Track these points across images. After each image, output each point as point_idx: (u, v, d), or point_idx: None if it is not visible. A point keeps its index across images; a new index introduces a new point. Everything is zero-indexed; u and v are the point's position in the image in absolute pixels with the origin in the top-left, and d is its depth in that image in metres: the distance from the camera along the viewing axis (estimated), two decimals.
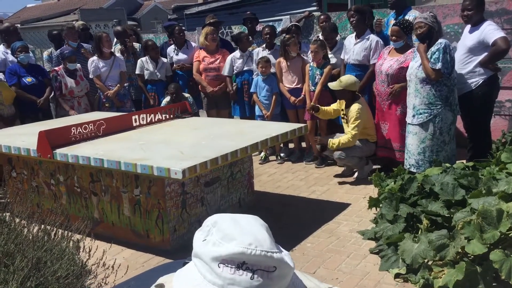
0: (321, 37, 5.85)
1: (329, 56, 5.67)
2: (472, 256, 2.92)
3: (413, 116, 4.44)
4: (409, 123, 4.52)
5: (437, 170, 3.83)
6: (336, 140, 4.96)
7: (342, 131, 5.26)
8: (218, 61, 6.28)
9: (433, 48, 4.26)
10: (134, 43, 6.87)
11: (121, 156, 3.54)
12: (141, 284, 1.11)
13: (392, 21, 5.33)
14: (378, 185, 4.14)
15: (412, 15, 5.22)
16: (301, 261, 3.44)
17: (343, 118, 5.16)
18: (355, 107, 4.94)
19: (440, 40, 4.29)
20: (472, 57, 4.51)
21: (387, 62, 4.90)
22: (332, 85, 5.03)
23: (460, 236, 2.96)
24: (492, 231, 2.86)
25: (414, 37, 4.89)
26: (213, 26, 6.45)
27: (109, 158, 3.53)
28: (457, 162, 4.33)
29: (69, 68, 5.96)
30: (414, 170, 4.43)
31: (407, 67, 4.63)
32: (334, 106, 5.23)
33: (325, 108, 5.25)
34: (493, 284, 2.88)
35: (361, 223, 4.02)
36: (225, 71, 6.18)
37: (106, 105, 6.23)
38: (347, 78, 4.99)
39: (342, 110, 5.12)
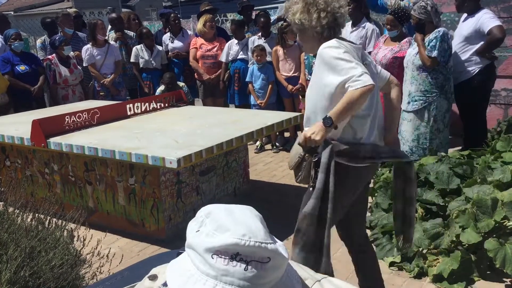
0: None
1: None
2: (466, 245, 2.93)
3: (408, 103, 4.43)
4: (403, 110, 4.51)
5: (432, 159, 3.83)
6: None
7: None
8: (215, 48, 6.24)
9: (431, 36, 4.24)
10: (128, 31, 6.81)
11: (116, 145, 3.52)
12: (135, 274, 1.10)
13: None
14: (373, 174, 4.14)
15: (403, 2, 5.17)
16: None
17: None
18: None
19: (438, 29, 4.27)
20: (468, 46, 4.50)
21: (382, 51, 4.87)
22: None
23: (455, 224, 2.98)
24: (486, 220, 2.87)
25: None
26: (209, 13, 6.40)
27: (103, 147, 3.51)
28: (452, 150, 4.34)
29: (64, 53, 5.91)
30: None
31: (402, 57, 4.62)
32: None
33: None
34: (487, 272, 2.89)
35: None
36: (223, 58, 6.16)
37: (101, 93, 6.19)
38: None
39: None
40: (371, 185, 4.07)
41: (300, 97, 5.57)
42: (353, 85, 2.01)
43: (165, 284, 0.92)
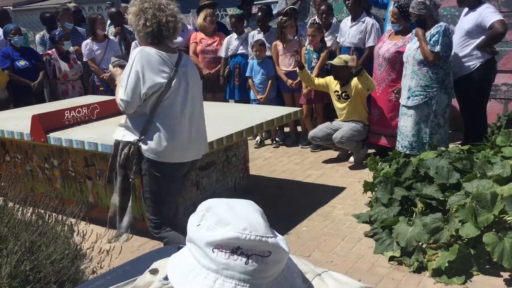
0: (317, 20, 5.80)
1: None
2: (465, 239, 2.94)
3: (408, 98, 4.41)
4: (403, 105, 4.50)
5: (432, 154, 3.83)
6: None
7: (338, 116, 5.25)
8: (215, 43, 6.23)
9: (432, 31, 4.23)
10: (127, 26, 6.78)
11: None
12: (136, 268, 1.10)
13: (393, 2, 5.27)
14: (373, 169, 4.15)
15: None
16: (296, 245, 3.45)
17: (337, 98, 5.13)
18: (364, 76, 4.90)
19: (440, 23, 4.25)
20: (469, 40, 4.49)
21: (385, 45, 4.84)
22: (335, 61, 4.98)
23: (454, 219, 2.98)
24: (486, 214, 2.88)
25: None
26: (209, 8, 6.38)
27: (103, 142, 3.51)
28: (452, 145, 4.34)
29: (64, 48, 5.90)
30: (408, 152, 4.43)
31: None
32: (322, 81, 5.20)
33: (314, 77, 5.27)
34: (486, 266, 2.90)
35: (356, 207, 4.03)
36: (222, 53, 6.14)
37: (101, 88, 6.19)
38: (347, 55, 4.99)
39: (337, 91, 5.09)
40: (370, 179, 4.09)
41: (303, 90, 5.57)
42: (118, 100, 2.62)
43: (166, 278, 0.92)
